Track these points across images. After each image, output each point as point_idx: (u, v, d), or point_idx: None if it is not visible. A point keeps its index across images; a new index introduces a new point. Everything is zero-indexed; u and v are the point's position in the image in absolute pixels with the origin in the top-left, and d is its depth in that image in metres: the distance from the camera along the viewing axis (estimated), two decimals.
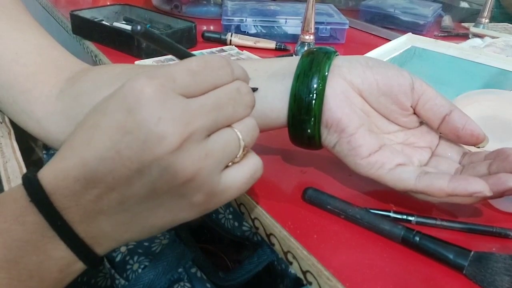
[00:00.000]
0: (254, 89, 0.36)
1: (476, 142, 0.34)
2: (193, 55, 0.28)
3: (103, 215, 0.26)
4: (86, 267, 0.28)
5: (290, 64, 0.36)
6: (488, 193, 0.29)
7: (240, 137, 0.28)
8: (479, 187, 0.30)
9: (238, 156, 0.28)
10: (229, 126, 0.28)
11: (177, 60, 0.28)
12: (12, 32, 0.43)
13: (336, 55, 0.36)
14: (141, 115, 0.24)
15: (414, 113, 0.35)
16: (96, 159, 0.25)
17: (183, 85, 0.25)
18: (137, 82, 0.24)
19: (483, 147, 0.34)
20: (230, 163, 0.28)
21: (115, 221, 0.27)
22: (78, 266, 0.27)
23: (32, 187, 0.26)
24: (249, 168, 0.28)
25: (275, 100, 0.35)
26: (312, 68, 0.34)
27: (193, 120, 0.25)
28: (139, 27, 0.25)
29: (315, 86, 0.33)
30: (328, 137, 0.35)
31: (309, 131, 0.35)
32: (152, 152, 0.24)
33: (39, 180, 0.26)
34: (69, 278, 0.28)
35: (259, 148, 0.44)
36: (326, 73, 0.34)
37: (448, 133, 0.34)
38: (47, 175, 0.26)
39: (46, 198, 0.25)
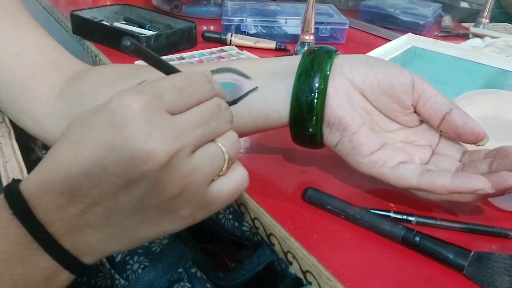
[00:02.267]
0: (254, 89, 0.36)
1: (476, 140, 0.34)
2: (179, 70, 0.29)
3: (89, 229, 0.26)
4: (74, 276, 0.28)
5: (291, 64, 0.36)
6: (490, 190, 0.29)
7: (224, 150, 0.28)
8: (481, 184, 0.30)
9: (223, 169, 0.28)
10: (212, 140, 0.28)
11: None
12: (12, 32, 0.43)
13: (337, 54, 0.36)
14: (129, 132, 0.24)
15: (415, 112, 0.35)
16: (82, 174, 0.25)
17: (170, 101, 0.26)
18: (124, 98, 0.24)
19: (483, 145, 0.34)
20: (216, 176, 0.28)
21: (101, 234, 0.27)
22: (66, 275, 0.27)
23: (15, 199, 0.25)
24: (235, 181, 0.29)
25: (276, 100, 0.35)
26: (314, 67, 0.34)
27: (180, 136, 0.25)
28: (129, 43, 0.24)
29: (316, 85, 0.34)
30: (330, 136, 0.35)
31: (310, 130, 0.35)
32: (139, 169, 0.24)
33: (22, 192, 0.26)
34: (58, 286, 0.28)
35: (259, 147, 0.44)
36: (328, 72, 0.34)
37: (449, 131, 0.34)
38: (30, 187, 0.26)
39: (29, 211, 0.25)
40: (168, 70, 0.28)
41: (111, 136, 0.24)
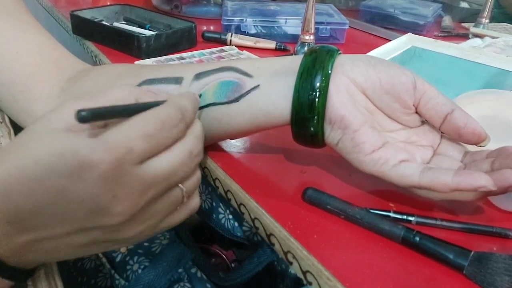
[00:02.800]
0: (256, 87, 0.36)
1: (478, 140, 0.34)
2: (150, 106, 0.27)
3: (35, 253, 0.27)
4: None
5: (292, 63, 0.36)
6: (492, 187, 0.29)
7: (185, 194, 0.29)
8: (484, 181, 0.30)
9: (178, 208, 0.30)
10: (175, 185, 0.29)
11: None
12: (13, 32, 0.43)
13: (339, 54, 0.36)
14: (95, 190, 0.24)
15: (416, 112, 0.35)
16: (35, 214, 0.25)
17: (140, 153, 0.26)
18: (95, 154, 0.24)
19: (485, 146, 0.34)
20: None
21: (47, 256, 0.28)
22: (8, 283, 0.28)
23: None
24: (186, 213, 0.31)
25: (278, 98, 0.35)
26: (316, 66, 0.34)
27: (147, 192, 0.26)
28: (83, 113, 0.23)
29: (318, 84, 0.33)
30: (331, 134, 0.35)
31: (312, 129, 0.35)
32: (99, 221, 0.25)
33: None
34: None
35: (259, 147, 0.44)
36: (330, 71, 0.34)
37: (450, 132, 0.34)
38: None
39: None
40: (137, 111, 0.27)
41: (74, 187, 0.24)
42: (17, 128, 0.46)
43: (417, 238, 0.30)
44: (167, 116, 0.28)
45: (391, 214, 0.33)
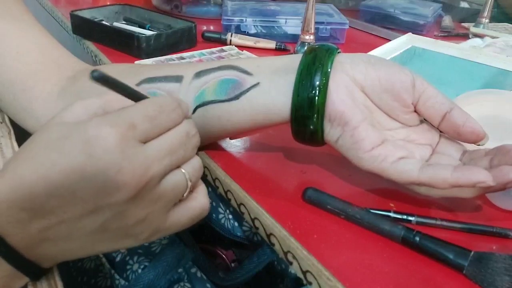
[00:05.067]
0: (256, 84, 0.36)
1: (476, 139, 0.34)
2: (147, 97, 0.29)
3: (49, 242, 0.27)
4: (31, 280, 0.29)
5: (292, 61, 0.36)
6: (491, 182, 0.29)
7: (188, 177, 0.30)
8: (483, 176, 0.30)
9: (184, 195, 0.30)
10: (178, 167, 0.29)
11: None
12: (14, 31, 0.43)
13: (339, 52, 0.36)
14: (103, 163, 0.25)
15: (415, 111, 0.35)
16: (48, 195, 0.25)
17: (142, 131, 0.27)
18: (101, 130, 0.25)
19: (483, 145, 0.34)
20: (176, 202, 0.30)
21: (61, 247, 0.28)
22: (24, 280, 0.28)
23: None
24: (195, 209, 0.31)
25: (278, 95, 0.35)
26: (315, 64, 0.34)
27: (150, 167, 0.27)
28: (95, 73, 0.25)
29: (317, 82, 0.34)
30: (331, 131, 0.35)
31: (311, 126, 0.35)
32: (108, 199, 0.26)
33: None
34: None
35: (259, 147, 0.44)
36: (329, 69, 0.34)
37: (449, 130, 0.34)
38: None
39: None
40: (139, 97, 0.29)
41: (83, 164, 0.25)
42: (17, 128, 0.46)
43: (417, 238, 0.30)
44: (165, 101, 0.29)
45: (391, 214, 0.33)
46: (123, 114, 0.27)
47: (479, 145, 0.34)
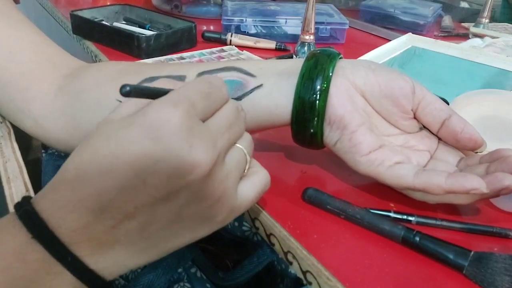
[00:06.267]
0: (259, 86, 0.36)
1: (474, 146, 0.34)
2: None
3: (118, 245, 0.25)
4: None
5: (294, 65, 0.37)
6: (485, 190, 0.30)
7: (246, 152, 0.29)
8: (476, 183, 0.30)
9: (245, 171, 0.29)
10: (234, 144, 0.29)
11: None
12: (5, 30, 0.42)
13: (340, 57, 0.37)
14: (172, 145, 0.23)
15: (414, 118, 0.36)
16: (115, 189, 0.24)
17: (201, 109, 0.26)
18: (162, 112, 0.24)
19: (481, 152, 0.34)
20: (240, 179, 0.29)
21: (132, 249, 0.26)
22: None
23: (33, 222, 0.24)
24: (259, 183, 0.30)
25: (280, 97, 0.36)
26: (317, 68, 0.35)
27: (216, 143, 0.26)
28: (128, 88, 0.24)
29: (319, 86, 0.34)
30: (330, 134, 0.35)
31: (311, 129, 0.35)
32: (183, 180, 0.24)
33: (39, 213, 0.24)
34: None
35: (259, 147, 0.44)
36: (330, 74, 0.34)
37: (447, 137, 0.35)
38: (48, 207, 0.24)
39: (52, 233, 0.24)
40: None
41: (151, 149, 0.23)
42: (17, 128, 0.46)
43: (417, 238, 0.30)
44: (213, 79, 0.28)
45: (391, 214, 0.33)
46: (181, 93, 0.25)
47: (476, 152, 0.34)
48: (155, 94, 0.26)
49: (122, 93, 0.24)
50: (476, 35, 0.84)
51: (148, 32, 0.70)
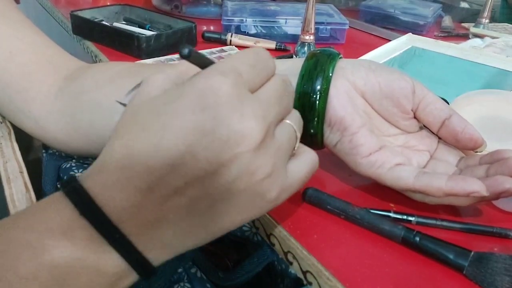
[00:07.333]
0: None
1: (475, 146, 0.34)
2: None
3: (167, 223, 0.24)
4: (138, 280, 0.26)
5: (294, 65, 0.36)
6: (485, 193, 0.30)
7: (295, 128, 0.28)
8: (477, 187, 0.30)
9: (295, 148, 0.28)
10: (282, 119, 0.28)
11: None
12: (5, 31, 0.42)
13: (340, 58, 0.36)
14: (222, 113, 0.23)
15: (415, 117, 0.36)
16: (166, 165, 0.23)
17: (248, 79, 0.25)
18: (212, 80, 0.23)
19: (481, 152, 0.34)
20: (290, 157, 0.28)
21: (180, 228, 0.25)
22: (131, 279, 0.25)
23: (82, 199, 0.23)
24: (308, 162, 0.29)
25: None
26: (317, 69, 0.34)
27: (266, 114, 0.25)
28: (187, 50, 0.23)
29: (319, 87, 0.34)
30: (330, 136, 0.35)
31: (312, 130, 0.35)
32: (233, 151, 0.23)
33: (87, 190, 0.23)
34: None
35: None
36: (330, 74, 0.34)
37: (448, 137, 0.35)
38: (95, 186, 0.24)
39: (101, 211, 0.23)
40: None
41: (201, 120, 0.23)
42: (17, 128, 0.46)
43: (417, 238, 0.30)
44: (259, 50, 0.27)
45: (391, 214, 0.33)
46: (228, 63, 0.25)
47: (477, 152, 0.34)
48: (206, 64, 0.26)
49: (181, 55, 0.23)
50: (476, 35, 0.84)
51: (148, 32, 0.70)
